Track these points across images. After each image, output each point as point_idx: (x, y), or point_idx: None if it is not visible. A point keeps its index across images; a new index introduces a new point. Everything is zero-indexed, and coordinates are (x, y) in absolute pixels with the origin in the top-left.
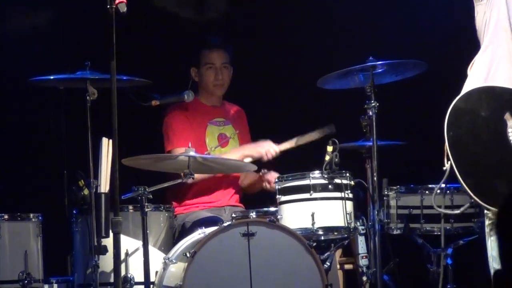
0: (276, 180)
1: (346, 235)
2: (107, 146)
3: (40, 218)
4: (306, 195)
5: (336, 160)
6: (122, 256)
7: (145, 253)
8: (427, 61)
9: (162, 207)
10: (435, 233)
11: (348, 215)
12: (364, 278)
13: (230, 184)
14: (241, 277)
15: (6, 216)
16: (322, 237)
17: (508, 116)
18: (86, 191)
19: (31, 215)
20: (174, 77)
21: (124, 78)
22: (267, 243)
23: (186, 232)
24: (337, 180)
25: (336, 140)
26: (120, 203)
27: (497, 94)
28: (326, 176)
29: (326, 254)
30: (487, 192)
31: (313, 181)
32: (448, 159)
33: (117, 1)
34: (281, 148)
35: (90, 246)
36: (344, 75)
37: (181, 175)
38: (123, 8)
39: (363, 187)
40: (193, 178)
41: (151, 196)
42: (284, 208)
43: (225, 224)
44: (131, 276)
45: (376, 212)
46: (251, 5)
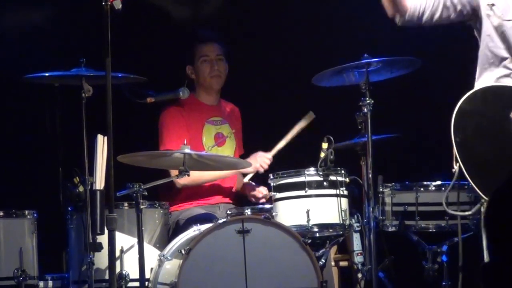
0: (271, 177)
1: (341, 232)
2: (102, 143)
3: (35, 215)
4: (301, 192)
5: (331, 157)
6: (117, 253)
7: (140, 250)
8: (422, 59)
9: (157, 204)
10: (430, 230)
11: (343, 212)
12: (359, 275)
13: (225, 182)
14: (236, 274)
15: (1, 213)
16: (317, 234)
17: None
18: (81, 188)
19: (26, 212)
20: (169, 74)
21: (119, 75)
22: (262, 240)
23: (180, 229)
24: (332, 177)
25: (331, 137)
26: (115, 200)
27: (502, 93)
28: (321, 173)
29: (321, 251)
30: None
31: (308, 178)
32: (457, 161)
33: None
34: (272, 154)
35: (85, 243)
36: (339, 72)
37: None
38: (118, 5)
39: (358, 184)
40: (188, 175)
41: (146, 193)
42: (279, 205)
43: (220, 221)
44: (126, 273)
45: (371, 209)
46: (246, 3)
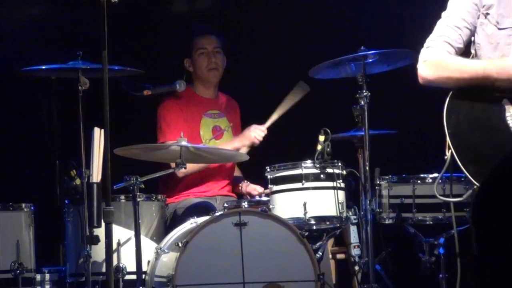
0: (268, 170)
1: (338, 225)
2: (99, 136)
3: (32, 208)
4: (298, 185)
5: (328, 149)
6: (114, 246)
7: (137, 243)
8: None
9: (154, 197)
10: (427, 223)
11: (340, 205)
12: (356, 268)
13: (222, 174)
14: (233, 266)
15: None
16: (314, 227)
17: (506, 102)
18: (78, 181)
19: (23, 205)
20: (166, 67)
21: (116, 68)
22: (259, 232)
23: (178, 219)
24: (329, 170)
25: (328, 130)
26: (112, 193)
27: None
28: (318, 165)
29: (318, 244)
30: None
31: (305, 171)
32: (449, 148)
33: None
34: (266, 126)
35: (82, 236)
36: (336, 64)
37: (172, 165)
38: None
39: (355, 176)
40: (185, 168)
41: (143, 186)
42: (276, 197)
43: (217, 214)
44: (123, 266)
45: (368, 202)
46: None
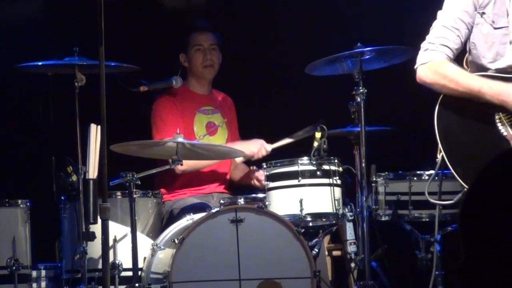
0: (265, 166)
1: (334, 222)
2: (95, 132)
3: (28, 204)
4: (295, 181)
5: (325, 146)
6: (110, 243)
7: (133, 239)
8: (415, 47)
9: (151, 193)
10: (424, 220)
11: (336, 202)
12: (352, 265)
13: (218, 171)
14: (229, 263)
15: None
16: (311, 224)
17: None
18: (74, 177)
19: (19, 201)
20: (162, 63)
21: (113, 64)
22: (256, 229)
23: (174, 219)
24: (326, 167)
25: (325, 126)
26: (108, 189)
27: None
28: (314, 162)
29: (314, 241)
30: None
31: (302, 167)
32: (440, 151)
33: None
34: (273, 147)
35: (78, 232)
36: (332, 61)
37: (169, 161)
38: None
39: (352, 173)
40: (181, 165)
41: (139, 182)
42: (273, 194)
43: (214, 211)
44: (119, 262)
45: (365, 199)
46: None
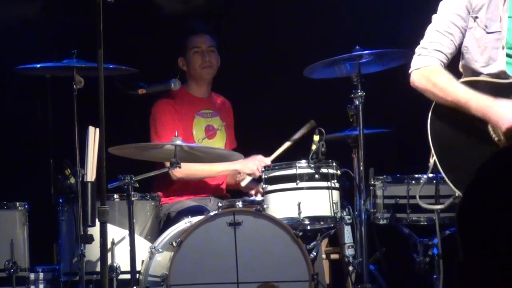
0: (263, 169)
1: (332, 225)
2: (93, 135)
3: (26, 206)
4: (293, 185)
5: (323, 149)
6: (108, 245)
7: (131, 242)
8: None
9: (149, 196)
10: (422, 223)
11: (334, 205)
12: (350, 268)
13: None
14: (227, 266)
15: None
16: (309, 227)
17: None
18: (72, 180)
19: (17, 203)
20: (161, 66)
21: (111, 66)
22: (254, 232)
23: (172, 221)
24: (324, 170)
25: (323, 130)
26: (106, 192)
27: (480, 87)
28: (312, 165)
29: (312, 244)
30: None
31: (300, 171)
32: (433, 155)
33: None
34: (271, 159)
35: (76, 235)
36: (330, 64)
37: (167, 164)
38: None
39: (350, 176)
40: (179, 167)
41: (137, 185)
42: (271, 197)
43: (212, 213)
44: (117, 265)
45: (363, 202)
46: None
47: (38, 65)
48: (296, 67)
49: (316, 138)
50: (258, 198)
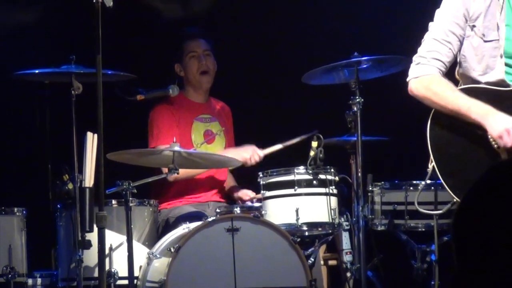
0: (261, 175)
1: (330, 231)
2: (92, 141)
3: (24, 212)
4: (291, 191)
5: (321, 155)
6: (106, 251)
7: (129, 248)
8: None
9: (147, 202)
10: (420, 229)
11: (332, 211)
12: (348, 274)
13: (214, 180)
14: (225, 272)
15: None
16: (306, 233)
17: None
18: (70, 185)
19: (15, 209)
20: (159, 72)
21: (109, 72)
22: (252, 238)
23: (170, 227)
24: (322, 176)
25: (321, 136)
26: (104, 197)
27: (478, 94)
28: (310, 171)
29: (310, 250)
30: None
31: (298, 177)
32: (431, 161)
33: None
34: (265, 153)
35: (74, 241)
36: (329, 70)
37: (165, 170)
38: (109, 2)
39: (348, 183)
40: (178, 173)
41: (135, 190)
42: (269, 203)
43: (210, 219)
44: (115, 271)
45: (361, 208)
46: (235, 1)
47: (36, 71)
48: (294, 73)
49: (314, 144)
50: (256, 204)
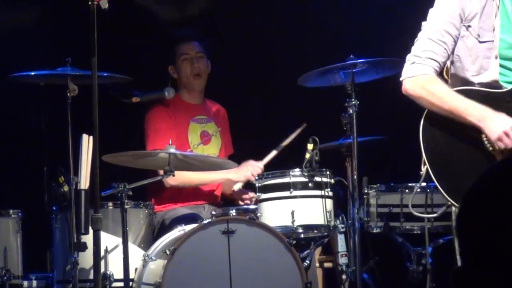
0: (256, 178)
1: (326, 233)
2: (87, 143)
3: (20, 214)
4: (286, 193)
5: (317, 158)
6: (102, 253)
7: (124, 250)
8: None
9: (142, 204)
10: (415, 232)
11: (328, 213)
12: (344, 277)
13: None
14: (220, 274)
15: None
16: (302, 235)
17: None
18: (66, 188)
19: (11, 211)
20: (155, 74)
21: (105, 74)
22: (247, 240)
23: (165, 229)
24: (317, 178)
25: (317, 138)
26: (100, 200)
27: (471, 96)
28: (306, 174)
29: (305, 252)
30: (460, 194)
31: (293, 179)
32: (425, 163)
33: None
34: (264, 163)
35: (69, 243)
36: (324, 73)
37: (160, 172)
38: (105, 4)
39: (343, 185)
40: (173, 176)
41: (131, 193)
42: (264, 206)
43: (205, 222)
44: (111, 273)
45: (356, 211)
46: (232, 3)
47: (32, 73)
48: (290, 76)
49: (310, 146)
50: (252, 206)
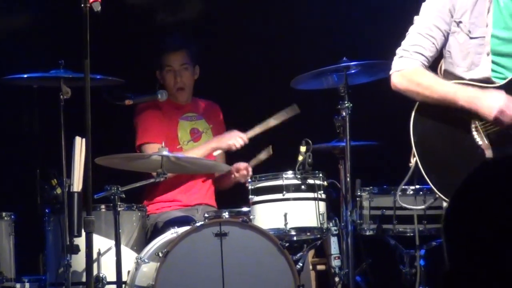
0: (249, 180)
1: (318, 236)
2: (80, 145)
3: (12, 217)
4: (279, 196)
5: (309, 160)
6: (94, 256)
7: (117, 252)
8: None
9: (135, 207)
10: (408, 234)
11: (321, 216)
12: (337, 279)
13: (202, 183)
14: (213, 277)
15: None
16: (295, 238)
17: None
18: (58, 190)
19: (4, 214)
20: (148, 77)
21: (98, 77)
22: (240, 243)
23: (158, 232)
24: (310, 181)
25: (310, 141)
26: (92, 202)
27: None
28: (299, 176)
29: (298, 255)
30: (450, 188)
31: (286, 182)
32: (414, 156)
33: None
34: (248, 136)
35: (62, 245)
36: (317, 75)
37: (153, 174)
38: (97, 7)
39: (336, 187)
40: (166, 178)
41: (123, 195)
42: (257, 208)
43: (198, 224)
44: (103, 276)
45: (349, 213)
46: (225, 4)
47: (25, 75)
48: (283, 78)
49: (302, 149)
50: (245, 209)
